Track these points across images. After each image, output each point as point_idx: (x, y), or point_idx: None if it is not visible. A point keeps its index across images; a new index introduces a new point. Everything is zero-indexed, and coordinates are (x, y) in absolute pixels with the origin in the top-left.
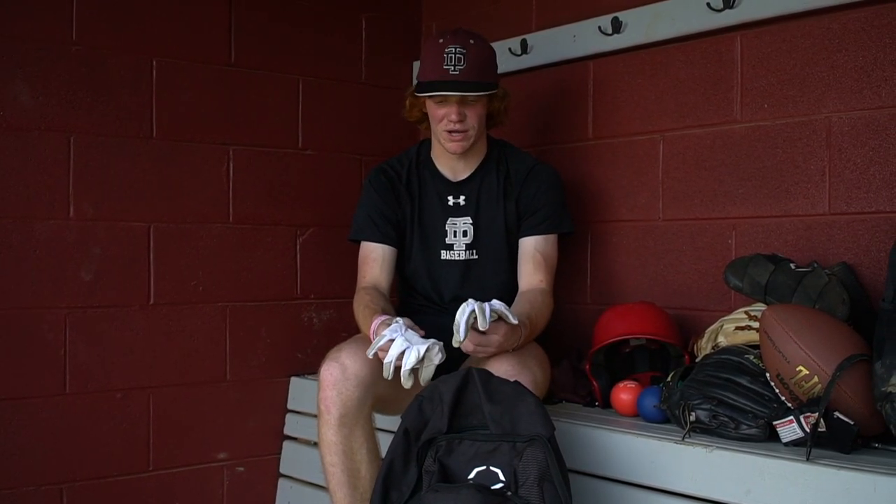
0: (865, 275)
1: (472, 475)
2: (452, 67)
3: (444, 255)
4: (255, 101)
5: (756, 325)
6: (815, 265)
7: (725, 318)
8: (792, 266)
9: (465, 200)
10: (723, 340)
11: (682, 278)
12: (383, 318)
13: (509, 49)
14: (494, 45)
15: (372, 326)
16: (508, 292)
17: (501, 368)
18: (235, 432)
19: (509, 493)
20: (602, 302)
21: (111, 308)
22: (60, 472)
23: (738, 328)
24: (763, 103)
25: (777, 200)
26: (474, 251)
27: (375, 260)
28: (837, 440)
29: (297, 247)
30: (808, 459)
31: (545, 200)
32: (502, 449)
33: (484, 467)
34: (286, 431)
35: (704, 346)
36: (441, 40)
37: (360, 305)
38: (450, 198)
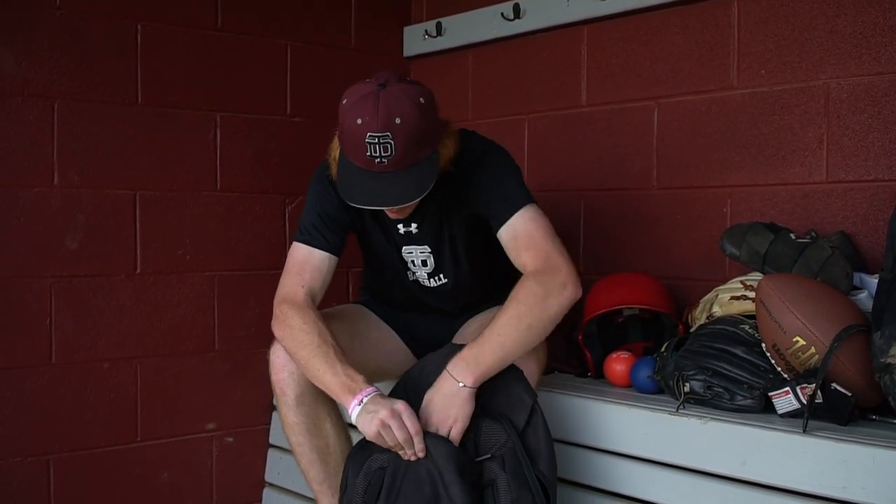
0: (863, 244)
1: None
2: (378, 157)
3: (412, 276)
4: (243, 66)
5: (752, 294)
6: (814, 234)
7: (721, 287)
8: (792, 236)
9: (417, 228)
10: (718, 310)
11: (677, 247)
12: (372, 390)
13: (501, 14)
14: (486, 10)
15: (360, 398)
16: (497, 291)
17: None
18: (224, 403)
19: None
20: (595, 271)
21: (97, 277)
22: (47, 443)
23: (733, 298)
24: (760, 69)
25: (774, 168)
26: (441, 276)
27: (318, 269)
28: (834, 412)
29: (286, 215)
30: (804, 431)
31: (492, 191)
32: None
33: None
34: (275, 402)
35: (699, 316)
36: (359, 121)
37: (314, 334)
38: (400, 226)
